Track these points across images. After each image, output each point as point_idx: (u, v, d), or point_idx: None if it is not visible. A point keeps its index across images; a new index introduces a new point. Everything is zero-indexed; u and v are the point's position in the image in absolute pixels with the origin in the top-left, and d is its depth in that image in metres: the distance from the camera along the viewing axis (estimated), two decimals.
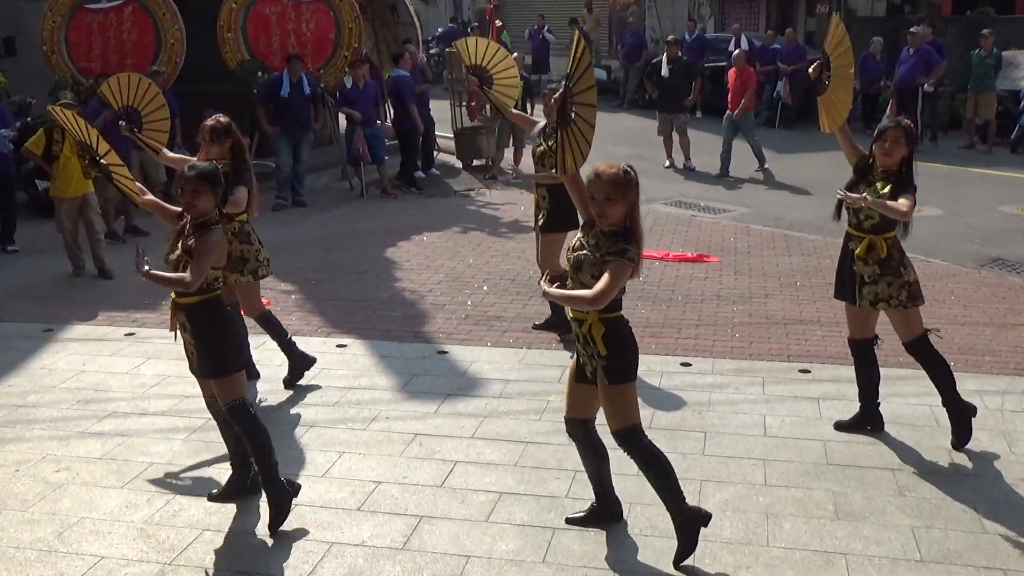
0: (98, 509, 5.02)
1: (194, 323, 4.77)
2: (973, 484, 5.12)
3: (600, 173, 4.14)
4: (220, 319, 4.83)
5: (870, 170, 5.45)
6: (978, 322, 7.69)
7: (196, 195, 4.69)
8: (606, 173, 4.12)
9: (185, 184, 4.70)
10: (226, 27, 13.60)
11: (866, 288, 5.47)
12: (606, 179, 4.11)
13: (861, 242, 5.45)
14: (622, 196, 4.12)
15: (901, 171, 5.35)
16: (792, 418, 5.93)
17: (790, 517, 4.81)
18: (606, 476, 4.73)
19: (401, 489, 5.17)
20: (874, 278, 5.44)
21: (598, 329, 4.22)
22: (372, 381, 6.71)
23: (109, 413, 6.24)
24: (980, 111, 16.05)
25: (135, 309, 8.33)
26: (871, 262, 5.43)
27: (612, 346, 4.24)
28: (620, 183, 4.11)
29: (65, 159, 9.59)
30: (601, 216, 4.15)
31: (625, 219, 4.17)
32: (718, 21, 24.28)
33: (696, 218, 11.76)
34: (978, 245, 10.32)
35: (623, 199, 4.12)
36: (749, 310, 8.08)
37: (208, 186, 4.71)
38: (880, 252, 5.40)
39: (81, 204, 9.66)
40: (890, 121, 5.47)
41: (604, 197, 4.11)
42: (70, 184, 9.60)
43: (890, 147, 5.31)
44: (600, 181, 4.12)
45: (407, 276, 9.29)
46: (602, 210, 4.13)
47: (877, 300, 5.47)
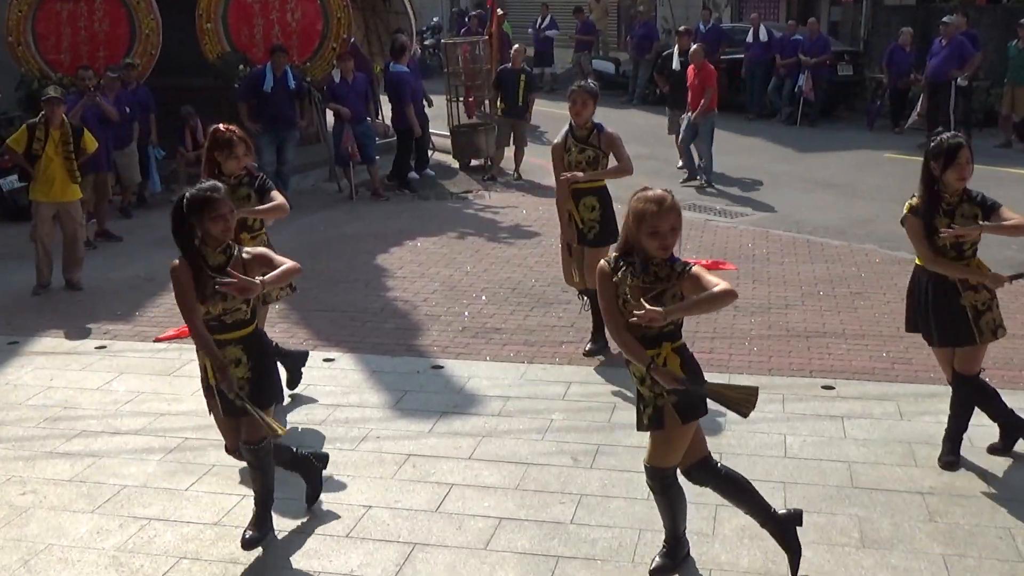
0: (67, 535, 5.03)
1: (252, 353, 4.77)
2: (1009, 509, 5.13)
3: (662, 201, 4.13)
4: (269, 347, 4.98)
5: (939, 199, 5.28)
6: (1016, 335, 7.68)
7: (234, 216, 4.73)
8: (667, 201, 4.13)
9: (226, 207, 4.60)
10: (205, 17, 13.66)
11: (983, 318, 5.38)
12: (670, 208, 4.13)
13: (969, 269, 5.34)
14: (681, 223, 4.19)
15: (966, 192, 5.29)
16: (814, 438, 5.95)
17: (812, 545, 4.82)
18: (682, 520, 4.69)
19: (393, 514, 5.18)
20: (988, 304, 5.39)
21: (673, 360, 4.27)
22: (362, 398, 6.73)
23: (79, 432, 6.26)
24: (1017, 106, 16.06)
25: (107, 320, 8.35)
26: (981, 288, 5.37)
27: (689, 373, 4.29)
28: (679, 211, 4.18)
29: (47, 160, 9.18)
30: (664, 249, 4.15)
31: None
32: (735, 10, 24.32)
33: (711, 222, 11.79)
34: (1015, 251, 10.32)
35: (681, 227, 4.19)
36: (768, 322, 8.10)
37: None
38: (985, 273, 5.36)
39: (62, 213, 9.31)
40: (955, 139, 5.22)
41: (670, 227, 4.13)
42: (51, 188, 9.25)
43: (966, 169, 5.19)
44: (665, 212, 4.12)
45: (400, 285, 9.31)
46: (667, 242, 4.14)
47: (997, 327, 5.42)
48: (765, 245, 10.53)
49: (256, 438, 4.82)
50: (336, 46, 13.75)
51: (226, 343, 4.69)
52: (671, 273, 4.19)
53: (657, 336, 4.25)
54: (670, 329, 4.26)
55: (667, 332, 4.27)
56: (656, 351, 4.25)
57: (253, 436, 4.82)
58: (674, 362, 4.26)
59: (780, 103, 19.40)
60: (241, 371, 4.73)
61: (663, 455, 4.43)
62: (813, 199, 12.96)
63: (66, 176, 9.23)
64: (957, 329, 5.39)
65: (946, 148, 5.18)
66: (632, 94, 22.32)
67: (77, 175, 9.37)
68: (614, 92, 22.94)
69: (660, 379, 4.21)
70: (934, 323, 5.46)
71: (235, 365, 4.71)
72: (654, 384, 4.27)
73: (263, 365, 4.82)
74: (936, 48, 16.47)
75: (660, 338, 4.26)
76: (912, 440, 5.88)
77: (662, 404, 4.29)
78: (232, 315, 4.66)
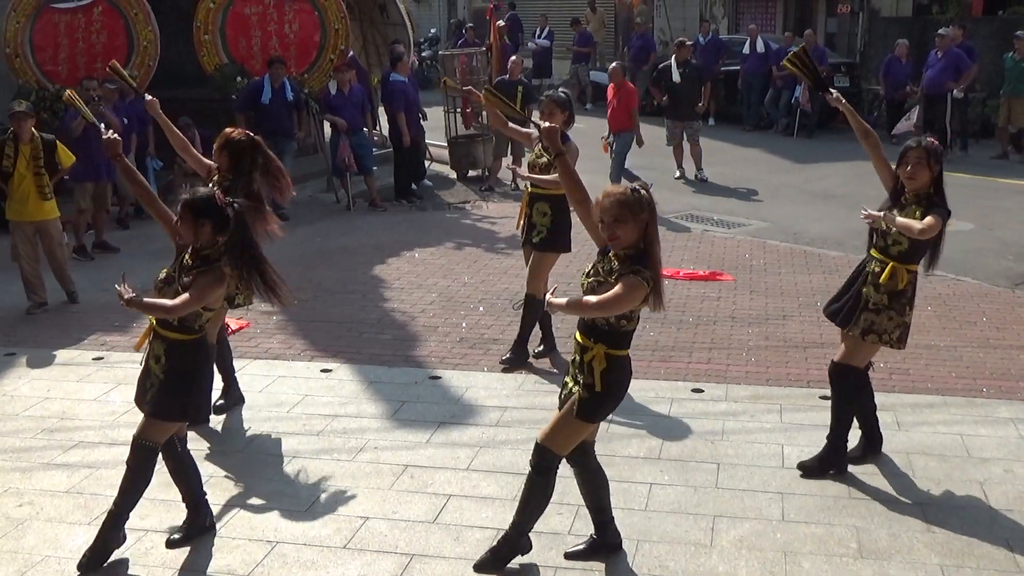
0: (64, 547, 5.03)
1: (171, 359, 4.81)
2: (1007, 519, 5.14)
3: (607, 194, 4.37)
4: (200, 365, 4.90)
5: (903, 193, 5.48)
6: (1012, 345, 7.73)
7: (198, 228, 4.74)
8: (612, 194, 4.35)
9: (180, 211, 4.75)
10: (203, 28, 13.68)
11: (864, 315, 5.48)
12: (612, 200, 4.32)
13: (885, 267, 5.45)
14: (631, 217, 4.30)
15: (931, 193, 5.37)
16: (812, 448, 5.94)
17: (810, 555, 4.83)
18: (606, 503, 4.83)
19: (391, 525, 5.18)
20: (878, 308, 5.46)
21: (600, 363, 4.41)
22: (359, 408, 6.73)
23: (76, 443, 6.25)
24: (1014, 118, 16.12)
25: (104, 332, 8.35)
26: (883, 291, 5.44)
27: (607, 386, 4.44)
28: (628, 203, 4.30)
29: (20, 177, 8.85)
30: (612, 239, 4.34)
31: (639, 242, 4.34)
32: (732, 22, 24.40)
33: (709, 233, 11.81)
34: (1012, 262, 10.36)
35: (633, 220, 4.30)
36: (766, 332, 8.11)
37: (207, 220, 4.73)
38: (899, 283, 5.43)
39: (40, 231, 9.02)
40: (912, 141, 5.47)
41: (612, 219, 4.31)
42: (25, 206, 8.93)
43: (912, 170, 5.36)
44: (606, 203, 4.33)
45: (397, 295, 9.32)
46: (612, 232, 4.33)
47: (870, 331, 5.48)
48: (763, 256, 10.55)
49: (146, 437, 4.85)
50: (333, 57, 13.78)
51: (157, 334, 4.84)
52: (619, 271, 4.35)
53: (590, 329, 4.45)
54: (604, 329, 4.41)
55: (601, 330, 4.42)
56: (590, 345, 4.44)
57: (145, 433, 4.87)
58: (599, 365, 4.41)
59: (777, 114, 19.45)
60: (158, 369, 4.83)
61: (553, 437, 4.58)
62: (810, 210, 12.99)
63: (38, 193, 8.88)
64: (840, 308, 5.63)
65: (901, 151, 5.48)
66: None
67: (48, 192, 8.96)
68: None
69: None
70: (838, 296, 5.73)
71: (155, 361, 4.85)
72: (578, 372, 4.47)
73: (175, 377, 4.81)
74: (932, 60, 16.54)
75: (593, 333, 4.44)
76: (909, 450, 5.89)
77: (574, 392, 4.50)
78: None
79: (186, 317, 4.75)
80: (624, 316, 4.40)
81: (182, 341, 4.80)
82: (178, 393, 4.82)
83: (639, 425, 6.34)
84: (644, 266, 4.32)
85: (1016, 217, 12.25)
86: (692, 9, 24.82)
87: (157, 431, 4.86)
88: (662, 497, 5.38)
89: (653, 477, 5.62)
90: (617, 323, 4.41)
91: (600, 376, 4.41)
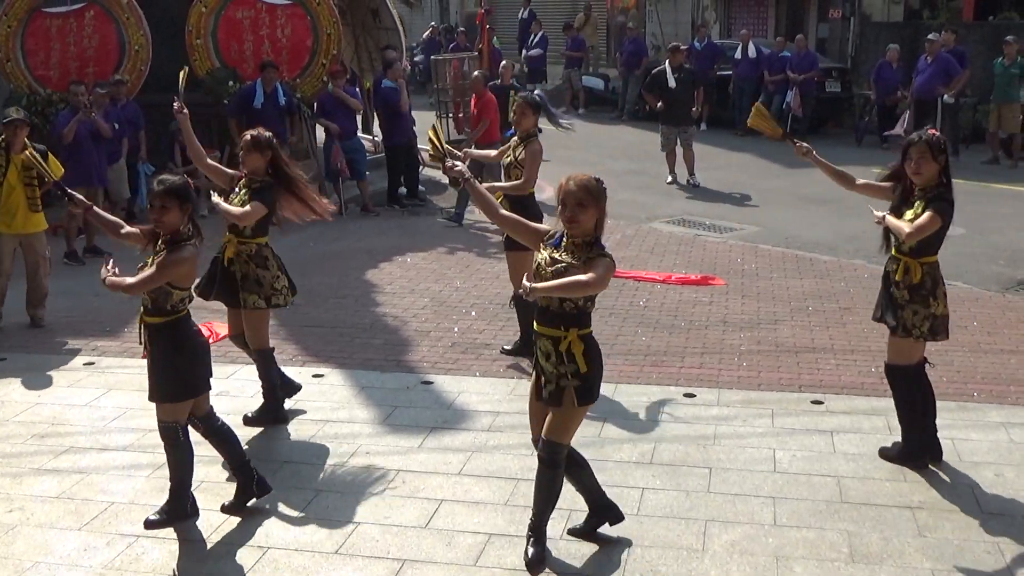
0: (54, 552, 5.01)
1: (154, 343, 5.07)
2: (998, 523, 5.15)
3: (572, 179, 4.53)
4: (179, 343, 5.07)
5: (912, 191, 5.57)
6: (1003, 349, 7.75)
7: (163, 211, 4.93)
8: (578, 179, 4.53)
9: (153, 199, 4.95)
10: (195, 33, 13.66)
11: (897, 312, 5.59)
12: (578, 185, 4.50)
13: (898, 264, 5.57)
14: (594, 203, 4.51)
15: (940, 184, 5.47)
16: (804, 453, 5.96)
17: (802, 560, 4.83)
18: (593, 483, 4.98)
19: (382, 530, 5.17)
20: (902, 304, 5.57)
21: (578, 346, 4.56)
22: (351, 413, 6.72)
23: (66, 448, 6.23)
24: (1004, 123, 16.19)
25: (95, 337, 8.33)
26: (903, 286, 5.55)
27: (590, 363, 4.59)
28: (592, 189, 4.51)
29: (9, 188, 8.53)
30: (572, 222, 4.51)
31: (595, 229, 4.55)
32: (723, 27, 24.46)
33: (700, 237, 11.82)
34: (1003, 267, 10.39)
35: (595, 206, 4.51)
36: (757, 337, 8.12)
37: (176, 201, 4.94)
38: (913, 277, 5.51)
39: (24, 245, 8.73)
40: (913, 136, 5.58)
41: (576, 203, 4.49)
42: (13, 219, 8.58)
43: (917, 165, 5.45)
44: (571, 186, 4.50)
45: (389, 300, 9.31)
46: (574, 215, 4.50)
47: (898, 327, 5.57)
48: (754, 260, 10.57)
49: (163, 419, 5.13)
50: (326, 62, 13.76)
51: (143, 325, 5.12)
52: (587, 256, 4.50)
53: (559, 318, 4.55)
54: (572, 313, 4.54)
55: (570, 315, 4.54)
56: (562, 334, 4.54)
57: (162, 416, 5.14)
58: (578, 348, 4.54)
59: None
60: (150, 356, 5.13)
61: (560, 432, 4.69)
62: (802, 214, 13.01)
63: (28, 205, 8.58)
64: (883, 310, 5.75)
65: (903, 145, 5.60)
66: (621, 110, 22.39)
67: (38, 203, 8.69)
68: (603, 108, 23.04)
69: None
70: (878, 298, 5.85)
71: (147, 348, 5.15)
72: (559, 364, 4.55)
73: (159, 359, 5.06)
74: (922, 65, 16.60)
75: (561, 320, 4.55)
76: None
77: (564, 385, 4.57)
78: (144, 296, 5.02)
79: (157, 299, 4.97)
80: (590, 297, 4.58)
81: (158, 324, 5.05)
82: (167, 372, 5.06)
83: (631, 430, 6.34)
84: (603, 251, 4.52)
85: (1007, 222, 12.29)
86: (684, 14, 24.86)
87: (167, 412, 5.11)
88: (654, 501, 5.38)
89: (645, 482, 5.62)
90: (584, 304, 4.58)
91: (582, 357, 4.55)
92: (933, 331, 5.59)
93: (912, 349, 5.66)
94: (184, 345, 5.08)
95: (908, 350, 5.67)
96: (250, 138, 6.29)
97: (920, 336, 5.58)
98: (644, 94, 16.57)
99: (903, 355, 5.69)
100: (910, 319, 5.55)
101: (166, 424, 5.11)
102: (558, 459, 4.74)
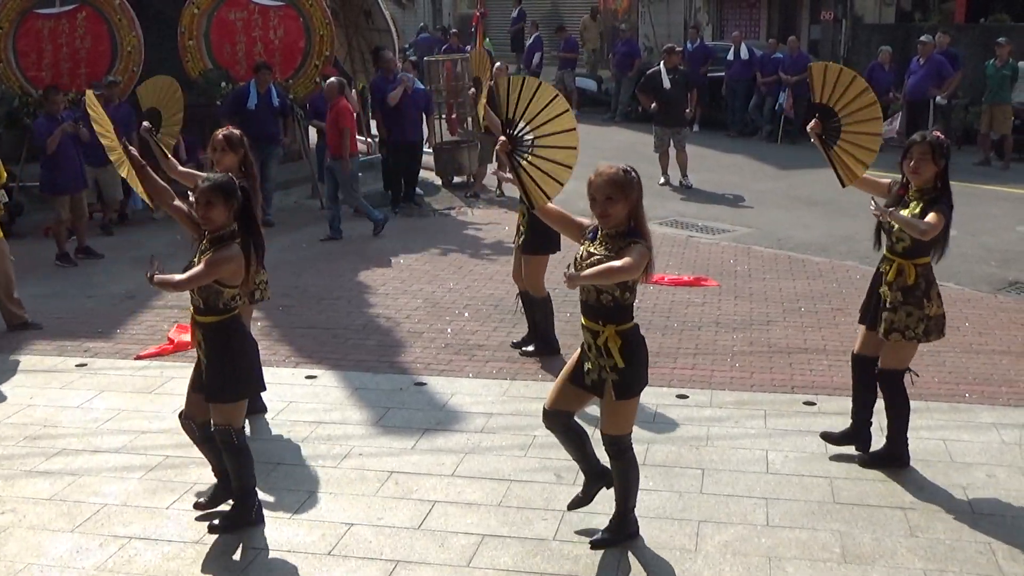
0: (46, 555, 5.00)
1: (209, 343, 5.03)
2: (990, 524, 5.17)
3: (599, 173, 4.53)
4: (236, 342, 5.08)
5: (906, 190, 5.58)
6: (995, 350, 7.77)
7: (209, 207, 4.92)
8: (604, 173, 4.52)
9: (199, 196, 4.93)
10: (187, 34, 13.64)
11: (885, 315, 5.58)
12: (605, 179, 4.49)
13: (891, 265, 5.57)
14: (623, 195, 4.49)
15: (936, 188, 5.47)
16: (796, 454, 5.97)
17: (794, 560, 4.84)
18: (591, 451, 5.06)
19: (375, 532, 5.17)
20: (895, 305, 5.55)
21: (615, 342, 4.57)
22: (344, 415, 6.72)
23: (59, 450, 6.22)
24: (995, 125, 16.23)
25: (87, 338, 8.31)
26: (896, 288, 5.54)
27: (629, 358, 4.59)
28: (620, 182, 4.49)
29: None
30: (604, 216, 4.51)
31: (629, 219, 4.54)
32: (716, 28, 24.50)
33: (693, 239, 11.84)
34: (995, 268, 10.43)
35: (624, 198, 4.49)
36: (750, 338, 8.13)
37: (222, 198, 4.92)
38: (907, 279, 5.51)
39: None
40: (917, 136, 5.57)
41: (605, 197, 4.48)
42: None
43: (916, 165, 5.44)
44: (599, 181, 4.49)
45: (382, 302, 9.31)
46: (604, 210, 4.50)
47: (892, 329, 5.56)
48: (747, 261, 10.58)
49: (221, 424, 5.06)
50: (319, 63, 13.77)
51: (196, 324, 5.08)
52: (620, 246, 4.50)
53: (597, 311, 4.57)
54: (610, 306, 4.54)
55: (608, 309, 4.55)
56: (599, 328, 4.57)
57: (219, 420, 5.06)
58: (615, 343, 4.56)
59: (761, 121, 19.53)
60: (202, 355, 5.09)
61: (614, 425, 4.75)
62: (795, 216, 13.04)
63: None
64: (868, 310, 5.76)
65: (906, 145, 5.58)
66: (614, 111, 22.41)
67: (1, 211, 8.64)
68: (596, 109, 23.05)
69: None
70: (867, 300, 5.82)
71: (199, 348, 5.10)
72: (599, 357, 4.59)
73: (216, 360, 5.02)
74: (914, 67, 16.64)
75: (600, 314, 4.57)
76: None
77: (605, 378, 4.62)
78: (192, 296, 5.02)
79: (208, 298, 4.95)
80: (628, 289, 4.55)
81: (212, 323, 5.01)
82: (223, 373, 5.02)
83: None
84: (639, 238, 4.51)
85: (998, 223, 12.33)
86: (676, 16, 24.89)
87: (223, 415, 5.06)
88: (647, 503, 5.38)
89: None
90: (622, 297, 4.56)
91: (620, 353, 4.57)
92: (927, 332, 5.59)
93: (906, 352, 5.66)
94: (239, 344, 5.08)
95: (902, 353, 5.66)
96: (223, 138, 6.25)
97: (914, 337, 5.58)
98: (638, 94, 16.55)
99: (898, 359, 5.68)
100: (903, 321, 5.54)
101: (221, 428, 5.05)
102: (622, 449, 4.79)
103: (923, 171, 5.43)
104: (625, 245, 4.49)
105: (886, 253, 5.65)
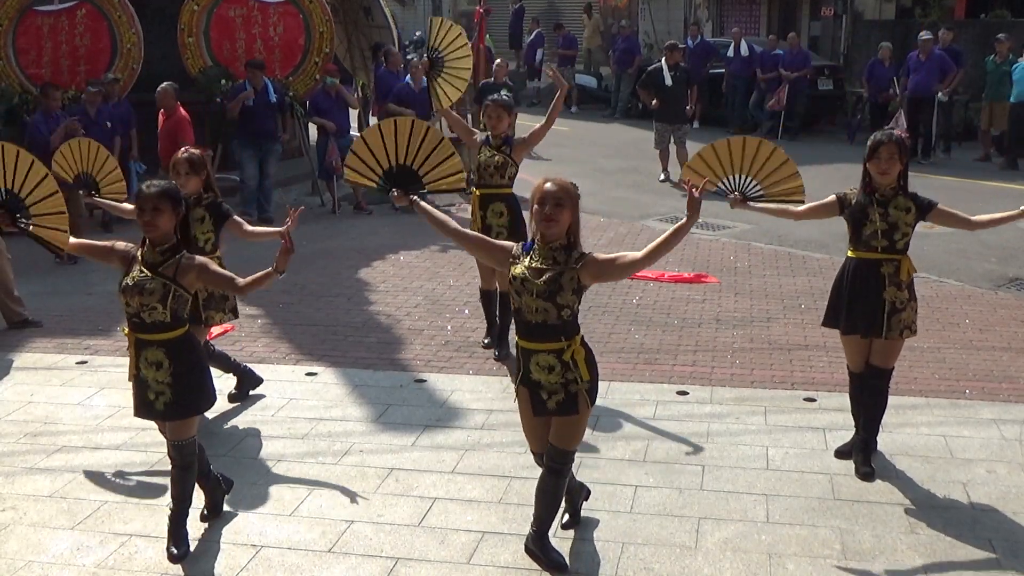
0: (47, 552, 5.00)
1: (176, 359, 4.83)
2: (990, 520, 5.17)
3: (550, 180, 4.54)
4: (199, 352, 5.01)
5: (872, 190, 5.47)
6: (995, 347, 7.77)
7: (157, 213, 4.75)
8: (556, 181, 4.54)
9: (146, 202, 4.76)
10: (187, 31, 13.64)
11: (895, 316, 5.50)
12: (557, 186, 4.50)
13: (896, 264, 5.48)
14: (571, 204, 4.51)
15: (899, 184, 5.46)
16: (796, 450, 5.98)
17: (794, 557, 4.84)
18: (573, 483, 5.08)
19: (376, 529, 5.17)
20: (903, 304, 5.50)
21: (580, 353, 4.58)
22: (344, 412, 6.72)
23: (59, 447, 6.22)
24: (996, 122, 16.23)
25: (88, 335, 8.31)
26: (903, 287, 5.50)
27: (590, 368, 4.63)
28: (570, 191, 4.53)
29: None
30: (550, 221, 4.47)
31: (569, 233, 4.54)
32: (716, 25, 24.49)
33: (693, 235, 11.80)
34: (995, 264, 10.43)
35: (571, 207, 4.51)
36: (750, 335, 8.13)
37: (170, 205, 4.79)
38: (908, 274, 5.51)
39: None
40: (882, 135, 5.47)
41: (555, 203, 4.46)
42: None
43: (886, 165, 5.38)
44: (551, 187, 4.49)
45: (382, 299, 9.31)
46: (552, 216, 4.46)
47: (904, 327, 5.54)
48: (747, 258, 10.58)
49: (185, 437, 4.95)
50: (319, 60, 13.76)
51: (147, 343, 4.81)
52: (567, 258, 4.50)
53: (557, 330, 4.51)
54: (571, 320, 4.54)
55: (569, 324, 4.54)
56: (564, 345, 4.53)
57: (182, 434, 4.95)
58: (580, 355, 4.56)
59: (761, 117, 19.52)
60: (161, 375, 4.82)
61: (572, 439, 4.70)
62: None
63: None
64: (870, 319, 5.54)
65: (870, 144, 5.45)
66: (614, 108, 22.40)
67: None
68: (596, 106, 23.05)
69: None
70: (854, 311, 5.59)
71: (155, 368, 4.81)
72: (565, 371, 4.54)
73: (185, 374, 4.86)
74: (913, 63, 16.61)
75: (562, 331, 4.52)
76: (893, 452, 5.92)
77: (575, 391, 4.57)
78: (150, 314, 4.74)
79: (177, 309, 4.81)
80: (580, 299, 4.57)
81: (176, 338, 4.84)
82: (192, 387, 4.90)
83: (624, 428, 6.35)
84: (583, 253, 4.52)
85: None
86: (676, 12, 24.88)
87: (189, 428, 4.97)
88: (647, 499, 5.39)
89: (638, 479, 5.63)
90: (576, 309, 4.59)
91: (584, 364, 4.57)
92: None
93: (899, 348, 5.68)
94: (201, 353, 5.03)
95: (898, 350, 5.67)
96: (186, 160, 6.12)
97: (914, 332, 5.61)
98: (639, 90, 16.53)
99: (895, 356, 5.68)
100: (910, 317, 5.53)
101: (187, 442, 4.94)
102: (568, 467, 4.77)
103: (892, 170, 5.39)
104: (577, 259, 4.48)
105: (879, 255, 5.48)
